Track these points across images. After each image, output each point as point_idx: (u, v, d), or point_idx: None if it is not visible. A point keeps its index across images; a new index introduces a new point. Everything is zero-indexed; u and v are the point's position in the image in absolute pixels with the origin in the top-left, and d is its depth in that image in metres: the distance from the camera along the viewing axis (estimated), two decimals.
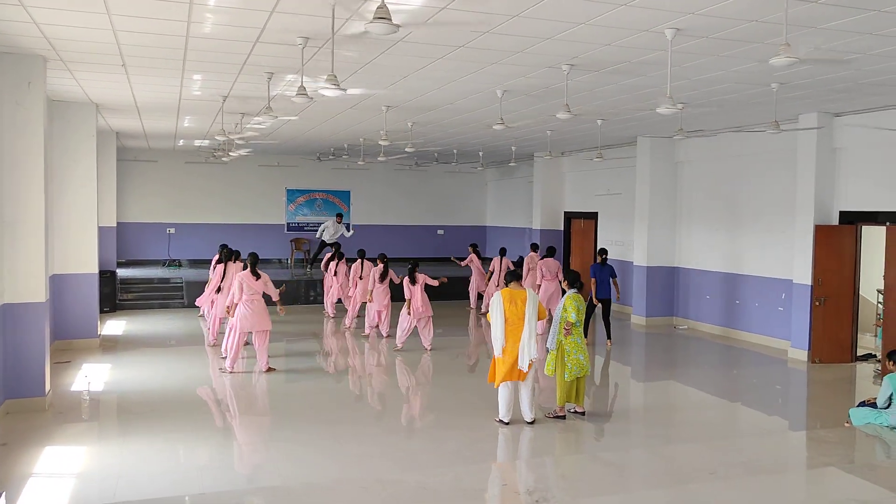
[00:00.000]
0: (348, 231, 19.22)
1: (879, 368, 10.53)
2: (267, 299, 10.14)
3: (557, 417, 8.01)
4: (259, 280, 9.90)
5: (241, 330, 9.93)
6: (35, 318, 7.97)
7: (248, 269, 9.93)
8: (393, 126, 12.86)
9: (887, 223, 10.61)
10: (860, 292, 11.59)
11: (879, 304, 13.26)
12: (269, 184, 21.18)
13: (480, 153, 18.07)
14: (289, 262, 20.75)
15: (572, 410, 8.15)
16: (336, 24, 6.30)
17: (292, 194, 21.62)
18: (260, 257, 10.47)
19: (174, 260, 19.93)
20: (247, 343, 10.58)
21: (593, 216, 17.61)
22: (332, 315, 15.09)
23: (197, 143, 17.43)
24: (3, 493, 5.04)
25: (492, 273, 15.51)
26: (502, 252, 15.63)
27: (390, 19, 4.67)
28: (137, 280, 16.92)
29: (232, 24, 6.63)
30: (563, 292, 8.32)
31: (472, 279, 16.49)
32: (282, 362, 10.67)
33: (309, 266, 19.45)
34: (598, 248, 13.21)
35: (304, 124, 13.49)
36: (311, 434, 7.46)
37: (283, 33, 6.82)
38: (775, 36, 6.56)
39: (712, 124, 12.38)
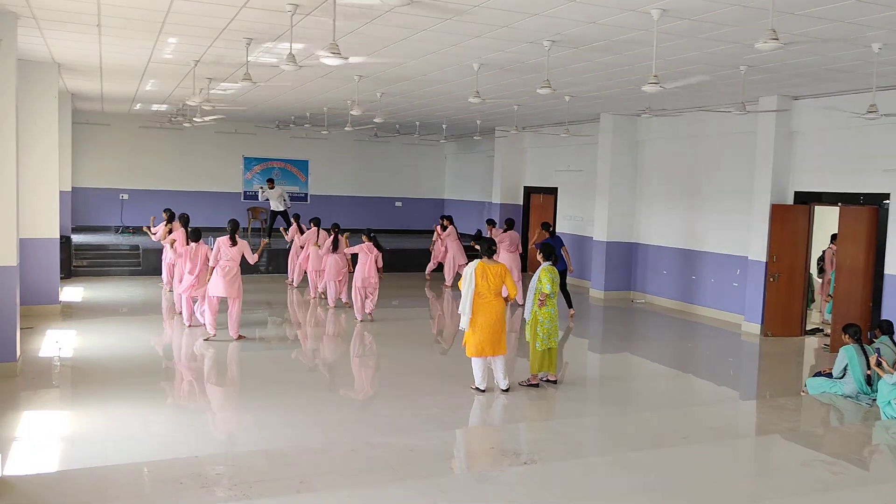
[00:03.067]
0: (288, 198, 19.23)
1: (828, 343, 11.09)
2: (243, 266, 10.13)
3: (531, 385, 8.25)
4: (236, 246, 9.86)
5: (212, 294, 9.93)
6: (7, 283, 7.80)
7: (228, 235, 9.91)
8: (362, 96, 12.82)
9: (839, 203, 11.13)
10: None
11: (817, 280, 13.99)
12: (226, 151, 20.83)
13: (444, 126, 18.12)
14: (246, 231, 20.51)
15: (545, 379, 8.40)
16: None
17: (249, 162, 21.32)
18: (216, 226, 10.42)
19: (127, 227, 19.50)
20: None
21: (553, 191, 17.90)
22: (295, 285, 15.04)
23: (154, 107, 17.01)
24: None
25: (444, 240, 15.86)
26: (450, 220, 15.91)
27: None
28: (91, 246, 16.52)
29: None
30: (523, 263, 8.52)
31: (449, 253, 16.43)
32: (249, 331, 10.63)
33: (266, 236, 19.33)
34: (542, 222, 13.38)
35: (271, 91, 13.32)
36: (288, 400, 7.51)
37: None
38: (755, 20, 6.81)
39: (676, 104, 12.71)
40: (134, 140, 19.72)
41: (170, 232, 12.25)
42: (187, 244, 10.66)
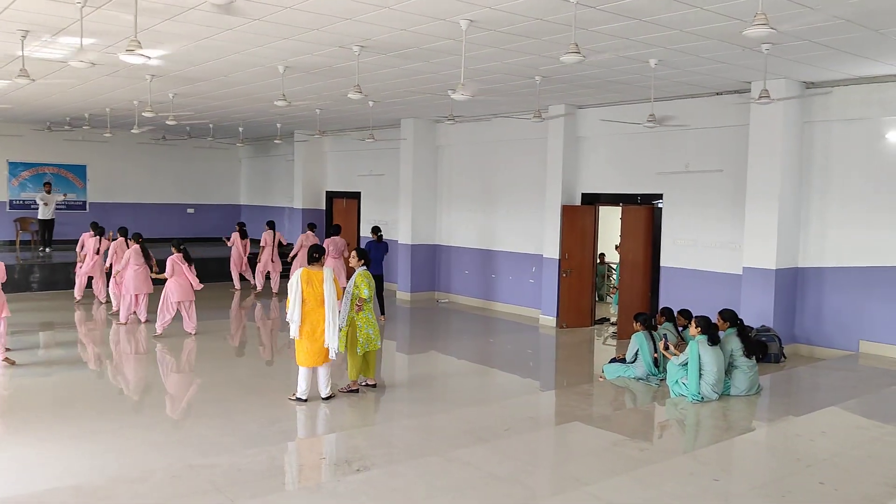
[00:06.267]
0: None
1: (616, 331, 12.13)
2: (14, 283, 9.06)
3: (351, 391, 8.20)
4: None
5: None
6: None
7: None
8: (153, 97, 11.97)
9: (621, 203, 12.23)
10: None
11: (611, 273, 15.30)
12: None
13: (241, 129, 17.46)
14: (14, 244, 18.40)
15: (364, 384, 8.39)
16: None
17: (15, 168, 19.15)
18: None
19: None
20: None
21: (356, 196, 17.92)
22: (78, 298, 13.75)
23: None
24: None
25: (263, 248, 15.42)
26: (271, 225, 15.59)
27: None
28: None
29: None
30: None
31: (232, 259, 15.99)
32: (29, 356, 9.55)
33: (46, 248, 17.50)
34: (373, 226, 13.51)
35: (45, 89, 12.05)
36: (90, 428, 6.89)
37: None
38: (554, 34, 7.29)
39: (475, 111, 13.25)
40: None
41: None
42: None
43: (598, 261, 15.16)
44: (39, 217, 17.52)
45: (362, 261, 8.30)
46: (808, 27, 6.99)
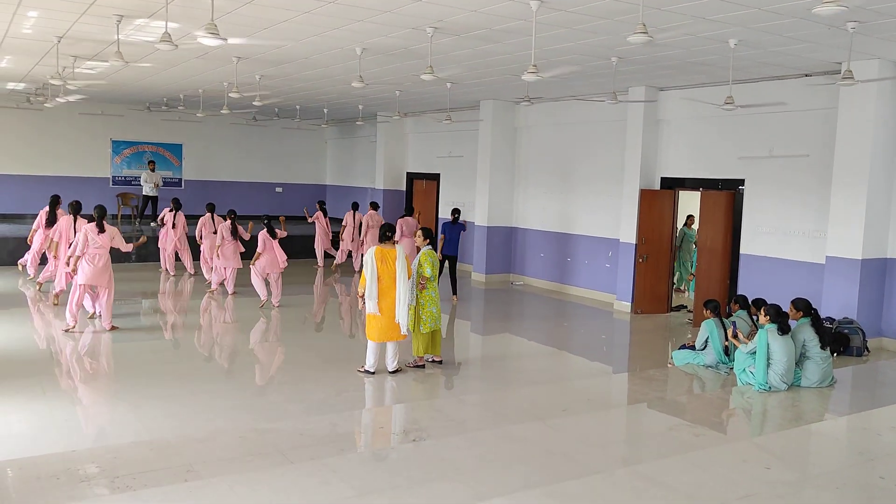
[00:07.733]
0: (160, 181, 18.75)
1: (691, 318, 11.89)
2: (113, 255, 9.72)
3: (417, 367, 8.40)
4: (104, 234, 9.43)
5: (84, 283, 9.47)
6: None
7: (94, 222, 9.45)
8: (240, 78, 12.49)
9: (701, 188, 11.93)
10: None
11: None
12: (92, 134, 19.72)
13: (325, 110, 17.92)
14: (116, 217, 19.53)
15: (430, 360, 8.58)
16: None
17: (118, 146, 20.27)
18: (82, 213, 10.06)
19: None
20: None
21: (435, 177, 18.12)
22: (172, 273, 14.51)
23: (10, 85, 15.85)
24: None
25: (345, 227, 15.85)
26: (354, 206, 15.99)
27: None
28: None
29: None
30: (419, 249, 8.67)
31: (317, 237, 16.48)
32: (125, 321, 10.22)
33: (138, 221, 18.55)
34: (452, 208, 13.72)
35: (142, 71, 12.74)
36: (168, 391, 7.32)
37: None
38: (626, 14, 7.19)
39: (552, 92, 13.17)
40: None
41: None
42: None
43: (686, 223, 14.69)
44: (144, 193, 18.61)
45: (427, 240, 8.46)
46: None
